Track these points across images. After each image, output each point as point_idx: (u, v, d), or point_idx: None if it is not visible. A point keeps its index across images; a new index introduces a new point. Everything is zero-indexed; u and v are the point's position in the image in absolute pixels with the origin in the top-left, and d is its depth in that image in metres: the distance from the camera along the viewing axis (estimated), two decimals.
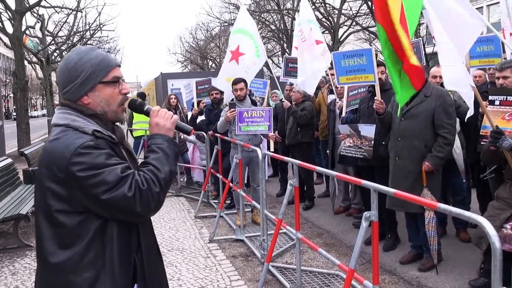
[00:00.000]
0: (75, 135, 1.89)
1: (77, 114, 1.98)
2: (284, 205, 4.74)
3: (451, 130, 4.87)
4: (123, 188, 1.83)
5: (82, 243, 1.86)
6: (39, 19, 27.83)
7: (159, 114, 2.11)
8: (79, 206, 1.85)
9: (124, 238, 1.95)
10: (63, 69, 2.01)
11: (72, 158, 1.81)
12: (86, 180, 1.81)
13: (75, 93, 2.00)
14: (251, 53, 8.32)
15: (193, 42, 46.68)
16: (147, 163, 1.99)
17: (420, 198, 3.28)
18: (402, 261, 5.25)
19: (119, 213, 1.88)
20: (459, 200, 5.73)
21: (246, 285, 4.99)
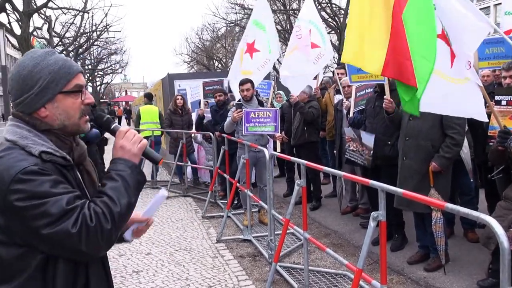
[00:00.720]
0: (19, 156, 1.62)
1: (29, 128, 1.71)
2: (292, 205, 4.76)
3: (459, 131, 4.86)
4: (67, 223, 1.55)
5: (18, 281, 1.61)
6: (46, 20, 28.03)
7: (127, 135, 1.81)
8: (18, 238, 1.59)
9: (70, 276, 1.68)
10: (15, 77, 1.72)
11: (11, 185, 1.54)
12: (25, 211, 1.54)
13: (30, 104, 1.71)
14: (265, 50, 8.22)
15: (199, 42, 46.78)
16: (102, 193, 1.68)
17: (428, 198, 3.28)
18: (410, 261, 5.25)
19: (62, 250, 1.61)
20: (467, 200, 5.72)
21: (254, 285, 5.01)
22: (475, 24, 3.98)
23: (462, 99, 4.17)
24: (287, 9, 29.06)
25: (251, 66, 8.17)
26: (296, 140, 7.89)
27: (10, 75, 1.74)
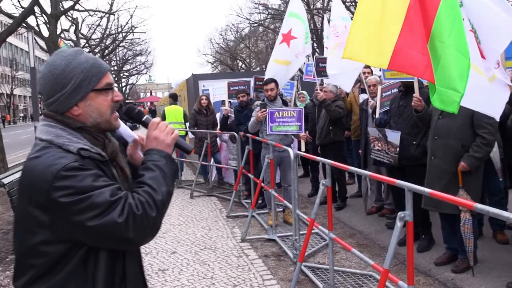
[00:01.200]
0: (58, 153, 1.64)
1: (62, 127, 1.73)
2: (317, 205, 4.74)
3: (490, 131, 4.73)
4: (113, 213, 1.59)
5: (62, 273, 1.65)
6: (73, 22, 28.52)
7: (159, 127, 1.86)
8: (63, 235, 1.62)
9: (109, 269, 1.72)
10: (47, 76, 1.72)
11: (54, 182, 1.57)
12: (70, 206, 1.57)
13: (64, 103, 1.73)
14: (302, 38, 8.13)
15: (223, 43, 46.98)
16: (142, 183, 1.72)
17: (457, 198, 3.23)
18: (437, 262, 5.17)
19: (108, 241, 1.65)
20: (495, 200, 5.61)
21: (278, 285, 5.01)
22: (506, 20, 3.91)
23: (487, 97, 4.10)
24: (311, 9, 28.94)
25: (289, 55, 8.06)
26: (321, 139, 7.84)
27: (40, 75, 1.75)
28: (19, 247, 1.71)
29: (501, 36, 4.05)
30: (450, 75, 3.92)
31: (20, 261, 1.71)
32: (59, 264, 1.64)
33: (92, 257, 1.68)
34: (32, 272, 1.66)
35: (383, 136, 5.85)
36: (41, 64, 19.10)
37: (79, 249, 1.65)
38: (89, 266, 1.68)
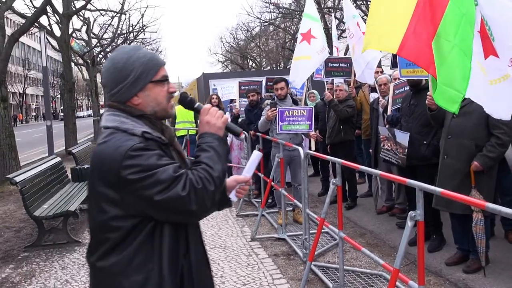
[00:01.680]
0: (124, 137, 1.84)
1: (125, 115, 1.92)
2: (327, 204, 4.72)
3: (506, 131, 4.65)
4: (177, 188, 1.77)
5: (132, 246, 1.83)
6: (85, 22, 28.72)
7: (210, 112, 2.04)
8: (132, 210, 1.81)
9: (174, 241, 1.90)
10: (110, 69, 1.93)
11: (123, 162, 1.76)
12: (138, 182, 1.76)
13: (125, 94, 1.93)
14: (322, 38, 8.34)
15: (233, 42, 46.93)
16: (199, 162, 1.91)
17: (468, 198, 3.20)
18: (448, 262, 5.13)
19: (173, 214, 1.83)
20: (507, 200, 5.55)
21: (288, 284, 5.00)
22: None
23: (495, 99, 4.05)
24: (322, 8, 28.85)
25: (310, 51, 8.29)
26: (332, 138, 7.82)
27: (104, 69, 1.96)
28: (93, 224, 1.91)
29: None
30: (454, 75, 3.92)
31: (95, 236, 1.92)
32: (129, 237, 1.84)
33: (158, 230, 1.86)
34: (106, 246, 1.86)
35: (392, 136, 5.82)
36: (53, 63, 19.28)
37: (147, 224, 1.84)
38: (156, 239, 1.86)
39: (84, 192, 7.73)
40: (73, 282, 5.28)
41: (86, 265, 5.68)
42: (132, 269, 1.84)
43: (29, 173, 6.83)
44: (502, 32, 3.88)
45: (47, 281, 5.35)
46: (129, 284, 1.84)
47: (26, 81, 65.41)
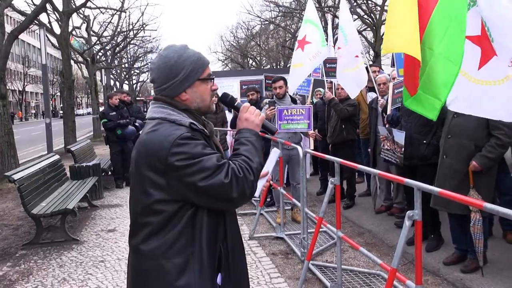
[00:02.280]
0: (173, 127, 1.97)
1: (172, 108, 2.05)
2: (325, 204, 4.72)
3: (507, 132, 4.63)
4: (220, 175, 1.91)
5: (174, 230, 1.94)
6: (85, 19, 28.70)
7: (250, 110, 2.21)
8: (176, 195, 1.93)
9: (213, 227, 2.01)
10: (162, 67, 2.06)
11: (172, 149, 1.89)
12: (185, 169, 1.88)
13: (175, 89, 2.07)
14: (317, 43, 8.37)
15: (233, 40, 46.95)
16: (238, 154, 2.06)
17: (466, 198, 3.19)
18: (446, 262, 5.13)
19: (215, 200, 1.95)
20: (506, 200, 5.54)
21: (286, 283, 5.00)
22: None
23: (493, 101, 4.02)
24: (322, 6, 28.84)
25: (302, 58, 8.39)
26: (333, 138, 7.80)
27: (155, 65, 2.09)
28: (136, 208, 2.03)
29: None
30: (435, 82, 3.91)
31: (137, 220, 2.02)
32: (171, 222, 1.95)
33: (199, 216, 1.98)
34: (148, 229, 1.97)
35: (390, 136, 5.82)
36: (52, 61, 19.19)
37: (188, 209, 1.95)
38: (196, 224, 1.97)
39: (83, 190, 7.73)
40: (71, 280, 5.27)
41: (83, 263, 5.73)
42: (173, 253, 1.94)
43: (27, 171, 6.82)
44: (501, 33, 3.86)
45: (45, 279, 5.34)
46: (170, 266, 1.94)
47: (26, 79, 65.30)
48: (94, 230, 7.27)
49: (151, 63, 2.16)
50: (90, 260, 5.89)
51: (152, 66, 2.13)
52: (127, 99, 11.41)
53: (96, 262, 5.81)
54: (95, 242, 6.64)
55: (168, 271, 1.94)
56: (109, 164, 11.04)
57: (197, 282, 1.96)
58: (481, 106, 4.02)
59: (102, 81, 33.67)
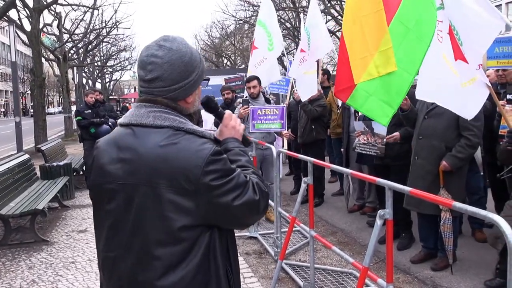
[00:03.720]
0: (196, 139, 1.70)
1: (177, 114, 1.75)
2: (298, 203, 4.73)
3: (476, 133, 4.73)
4: (249, 191, 1.72)
5: (195, 259, 1.69)
6: (56, 16, 28.18)
7: (234, 118, 2.01)
8: (201, 219, 1.68)
9: (223, 248, 1.79)
10: (177, 63, 1.73)
11: (206, 167, 1.64)
12: (220, 188, 1.66)
13: (187, 91, 1.78)
14: (264, 48, 8.32)
15: (208, 40, 46.75)
16: (246, 167, 1.85)
17: (435, 197, 3.25)
18: (413, 260, 5.21)
19: (243, 219, 1.78)
20: (475, 199, 5.67)
21: (259, 282, 5.00)
22: (489, 20, 3.91)
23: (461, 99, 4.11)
24: (296, 7, 28.95)
25: (250, 63, 8.36)
26: (304, 138, 7.86)
27: (165, 60, 1.71)
28: (146, 238, 1.69)
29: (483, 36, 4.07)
30: (389, 90, 3.94)
31: (149, 252, 1.69)
32: (193, 250, 1.68)
33: (212, 239, 1.73)
34: (167, 262, 1.67)
35: (369, 129, 5.87)
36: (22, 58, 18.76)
37: (205, 234, 1.71)
38: (211, 249, 1.72)
39: (53, 190, 7.59)
40: (40, 282, 5.17)
41: (53, 265, 5.62)
42: (196, 283, 1.70)
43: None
44: (470, 37, 3.93)
45: (13, 281, 5.22)
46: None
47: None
48: (64, 230, 7.14)
49: (153, 57, 1.73)
50: (61, 262, 5.79)
51: (157, 61, 1.72)
52: (99, 97, 11.25)
53: (67, 264, 5.71)
54: (65, 243, 6.53)
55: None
56: (81, 163, 10.88)
57: None
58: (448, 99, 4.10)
59: (74, 79, 33.15)
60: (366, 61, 4.05)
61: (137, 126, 1.74)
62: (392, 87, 3.91)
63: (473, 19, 3.96)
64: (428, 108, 4.93)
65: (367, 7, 4.08)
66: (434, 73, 3.97)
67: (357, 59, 4.14)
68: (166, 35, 1.82)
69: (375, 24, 4.01)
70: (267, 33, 8.34)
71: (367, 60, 4.04)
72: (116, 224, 1.75)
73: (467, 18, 3.97)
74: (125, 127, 1.78)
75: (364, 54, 4.08)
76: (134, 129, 1.74)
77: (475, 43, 4.03)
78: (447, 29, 3.96)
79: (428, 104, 4.89)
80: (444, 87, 4.03)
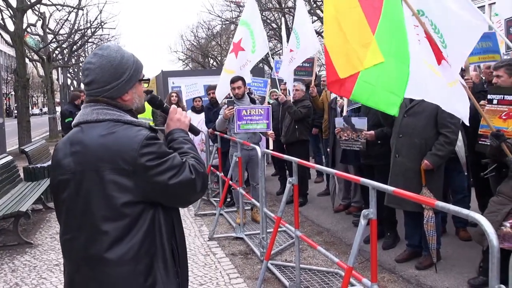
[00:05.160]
0: (133, 128, 1.98)
1: (118, 110, 2.04)
2: (283, 203, 4.74)
3: (454, 130, 4.81)
4: (186, 171, 1.97)
5: (139, 233, 1.93)
6: (40, 17, 27.85)
7: (179, 111, 2.28)
8: (142, 196, 1.93)
9: (168, 225, 2.04)
10: (106, 67, 2.02)
11: (141, 149, 1.90)
12: (155, 168, 1.91)
13: (120, 90, 2.06)
14: (248, 50, 8.31)
15: (194, 40, 46.57)
16: (187, 152, 2.12)
17: (419, 196, 3.27)
18: (398, 259, 5.25)
19: (181, 197, 2.03)
20: (459, 198, 5.72)
21: (245, 283, 4.99)
22: (471, 22, 3.94)
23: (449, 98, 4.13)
24: (282, 7, 28.99)
25: (235, 65, 8.26)
26: (287, 137, 7.92)
27: (96, 65, 2.02)
28: (93, 216, 1.93)
29: (467, 39, 4.10)
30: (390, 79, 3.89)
31: (97, 228, 1.92)
32: (137, 224, 1.93)
33: (157, 216, 1.99)
34: (113, 235, 1.91)
35: (349, 126, 5.91)
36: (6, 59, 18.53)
37: (149, 210, 1.96)
38: (156, 224, 1.98)
39: (37, 192, 7.50)
40: (23, 285, 5.11)
41: (37, 267, 5.57)
42: (141, 256, 1.93)
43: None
44: (454, 39, 3.95)
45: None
46: (139, 270, 1.93)
47: None
48: (48, 233, 7.07)
49: (88, 64, 2.05)
50: (45, 264, 5.73)
51: (90, 67, 2.03)
52: (83, 98, 11.19)
53: (51, 266, 5.65)
54: (49, 245, 6.46)
55: (136, 275, 1.93)
56: None
57: (164, 281, 1.99)
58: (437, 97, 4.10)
59: (59, 80, 32.83)
60: (348, 56, 4.01)
61: (84, 123, 2.03)
62: (392, 76, 3.87)
63: (456, 22, 3.98)
64: (407, 106, 4.99)
65: (343, 5, 4.07)
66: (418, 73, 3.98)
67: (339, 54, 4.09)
68: (104, 44, 2.18)
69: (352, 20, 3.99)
70: (251, 34, 8.33)
71: (349, 54, 4.01)
72: (69, 210, 2.01)
73: (451, 21, 3.99)
74: (77, 126, 2.06)
75: (346, 48, 4.04)
76: (82, 126, 2.03)
77: (459, 45, 4.05)
78: (423, 34, 3.97)
79: (406, 103, 4.94)
80: (432, 85, 4.04)
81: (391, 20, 3.82)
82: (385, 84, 3.93)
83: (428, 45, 3.95)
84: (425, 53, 3.92)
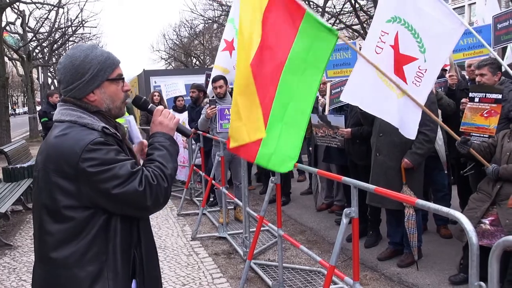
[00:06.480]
0: (84, 131, 1.91)
1: (82, 111, 1.99)
2: (266, 202, 4.73)
3: (432, 128, 4.86)
4: (134, 182, 1.87)
5: (87, 238, 1.89)
6: (19, 15, 27.47)
7: (163, 113, 2.16)
8: (87, 202, 1.88)
9: (126, 233, 1.98)
10: (68, 67, 1.99)
11: (83, 154, 1.83)
12: (97, 175, 1.83)
13: (82, 90, 2.00)
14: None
15: (176, 39, 46.35)
16: (152, 160, 2.02)
17: (399, 194, 3.29)
18: (380, 257, 5.28)
19: (128, 208, 1.92)
20: (440, 196, 5.78)
21: (228, 283, 4.98)
22: (447, 26, 3.92)
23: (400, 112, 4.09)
24: None
25: (229, 64, 8.09)
26: None
27: (61, 65, 2.01)
28: (41, 216, 1.93)
29: (445, 42, 4.11)
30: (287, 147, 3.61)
31: (44, 228, 1.92)
32: (84, 229, 1.89)
33: (112, 222, 1.93)
34: (58, 237, 1.89)
35: (325, 123, 5.93)
36: None
37: (101, 216, 1.91)
38: (110, 231, 1.93)
39: (16, 193, 7.39)
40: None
41: (17, 269, 5.48)
42: (86, 261, 1.89)
43: None
44: (432, 43, 3.95)
45: None
46: (84, 275, 1.89)
47: None
48: (28, 234, 6.97)
49: (59, 64, 2.06)
50: (24, 266, 5.65)
51: (58, 67, 2.04)
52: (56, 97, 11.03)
53: (31, 268, 5.53)
54: (29, 247, 6.36)
55: (81, 280, 1.89)
56: None
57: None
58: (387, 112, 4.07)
59: (39, 79, 32.40)
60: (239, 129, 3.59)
61: (55, 122, 2.02)
62: (288, 141, 3.60)
63: (433, 27, 3.99)
64: None
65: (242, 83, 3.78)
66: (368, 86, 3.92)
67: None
68: (77, 44, 2.16)
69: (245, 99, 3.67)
70: (237, 33, 8.23)
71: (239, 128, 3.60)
72: (33, 206, 2.06)
73: (428, 25, 3.99)
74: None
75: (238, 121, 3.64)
76: (54, 124, 2.03)
77: (437, 49, 4.06)
78: (392, 42, 3.96)
79: None
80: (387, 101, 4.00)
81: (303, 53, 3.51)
82: (283, 149, 3.58)
83: (391, 54, 3.94)
84: (384, 62, 3.89)
